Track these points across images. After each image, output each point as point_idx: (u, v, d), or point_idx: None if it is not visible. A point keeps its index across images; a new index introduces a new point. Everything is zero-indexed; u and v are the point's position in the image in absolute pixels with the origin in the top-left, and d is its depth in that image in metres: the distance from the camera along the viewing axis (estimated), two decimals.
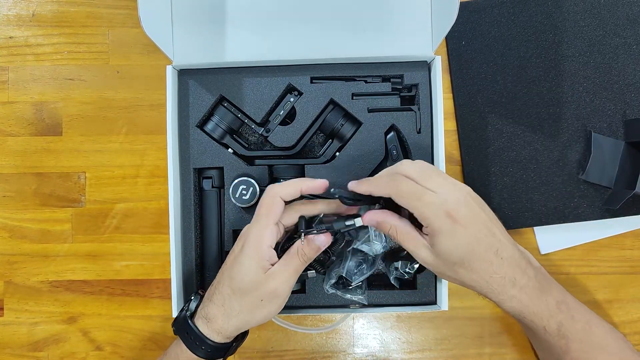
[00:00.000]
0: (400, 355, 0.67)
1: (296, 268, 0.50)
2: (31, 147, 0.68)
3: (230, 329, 0.51)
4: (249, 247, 0.49)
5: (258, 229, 0.49)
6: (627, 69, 0.66)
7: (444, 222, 0.46)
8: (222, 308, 0.51)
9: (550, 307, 0.51)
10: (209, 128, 0.61)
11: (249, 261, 0.49)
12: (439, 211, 0.46)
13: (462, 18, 0.67)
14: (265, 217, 0.49)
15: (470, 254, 0.48)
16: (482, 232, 0.48)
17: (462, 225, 0.47)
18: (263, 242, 0.49)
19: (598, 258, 0.67)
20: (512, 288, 0.50)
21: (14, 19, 0.68)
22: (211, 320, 0.51)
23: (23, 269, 0.67)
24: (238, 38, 0.60)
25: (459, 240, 0.47)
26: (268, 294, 0.49)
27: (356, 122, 0.61)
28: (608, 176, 0.65)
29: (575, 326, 0.52)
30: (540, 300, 0.51)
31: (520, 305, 0.50)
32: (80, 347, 0.67)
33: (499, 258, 0.48)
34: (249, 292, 0.49)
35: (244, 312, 0.50)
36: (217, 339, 0.51)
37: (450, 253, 0.47)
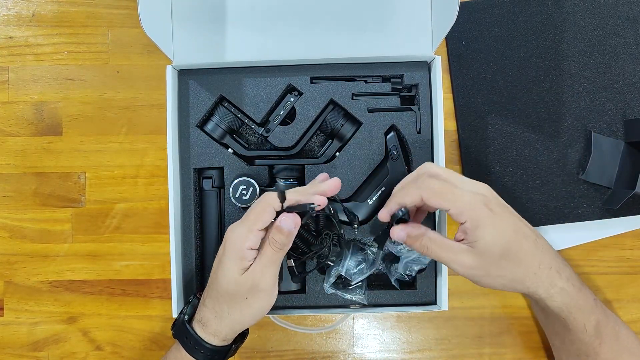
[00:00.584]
0: (400, 355, 0.67)
1: (271, 258, 0.49)
2: (31, 147, 0.68)
3: (224, 331, 0.51)
4: (229, 249, 0.49)
5: (241, 231, 0.49)
6: (627, 69, 0.66)
7: (483, 212, 0.46)
8: (213, 311, 0.51)
9: (590, 302, 0.51)
10: (209, 128, 0.61)
11: (229, 263, 0.49)
12: (476, 202, 0.46)
13: (462, 18, 0.67)
14: (252, 222, 0.49)
15: (514, 243, 0.47)
16: (517, 222, 0.48)
17: (499, 215, 0.46)
18: (244, 244, 0.48)
19: (598, 258, 0.67)
20: (560, 279, 0.49)
21: (14, 19, 0.68)
22: (205, 323, 0.51)
23: (23, 269, 0.67)
24: (238, 38, 0.60)
25: (501, 228, 0.46)
26: (250, 290, 0.49)
27: (356, 122, 0.61)
28: (608, 176, 0.65)
29: (608, 325, 0.52)
30: (582, 293, 0.50)
31: (569, 298, 0.49)
32: (80, 347, 0.67)
33: (539, 248, 0.48)
34: (233, 293, 0.49)
35: (233, 313, 0.50)
36: (214, 341, 0.51)
37: (495, 243, 0.46)
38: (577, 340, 0.53)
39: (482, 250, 0.47)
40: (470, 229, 0.47)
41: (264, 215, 0.49)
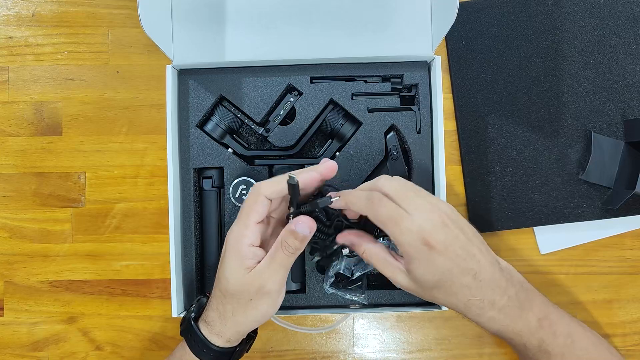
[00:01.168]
0: (400, 355, 0.67)
1: (282, 262, 0.48)
2: (31, 147, 0.68)
3: (228, 332, 0.50)
4: (230, 248, 0.48)
5: (237, 229, 0.48)
6: (627, 69, 0.66)
7: (419, 249, 0.45)
8: (217, 311, 0.50)
9: (530, 325, 0.51)
10: (209, 128, 0.61)
11: (231, 262, 0.48)
12: (415, 239, 0.45)
13: (462, 18, 0.67)
14: (246, 216, 0.48)
15: (447, 279, 0.46)
16: (460, 256, 0.46)
17: (438, 252, 0.45)
18: (243, 242, 0.48)
19: (598, 258, 0.67)
20: (491, 310, 0.49)
21: (14, 19, 0.68)
22: (210, 324, 0.51)
23: (23, 269, 0.67)
24: (238, 38, 0.60)
25: (435, 267, 0.46)
26: (256, 293, 0.48)
27: (356, 122, 0.61)
28: (608, 176, 0.65)
29: (556, 341, 0.51)
30: (521, 318, 0.50)
31: (499, 325, 0.50)
32: (80, 347, 0.67)
33: (477, 281, 0.47)
34: (237, 294, 0.48)
35: (237, 314, 0.49)
36: (219, 342, 0.51)
37: (426, 279, 0.47)
38: (523, 354, 0.53)
39: (414, 279, 0.47)
40: (405, 260, 0.47)
41: (256, 206, 0.47)
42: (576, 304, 0.66)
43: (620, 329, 0.66)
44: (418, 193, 0.48)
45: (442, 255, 0.45)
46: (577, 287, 0.67)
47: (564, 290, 0.66)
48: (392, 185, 0.47)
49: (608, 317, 0.66)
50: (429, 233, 0.45)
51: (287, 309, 0.60)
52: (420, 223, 0.45)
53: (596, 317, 0.66)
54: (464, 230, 0.47)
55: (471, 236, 0.48)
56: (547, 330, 0.51)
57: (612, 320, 0.66)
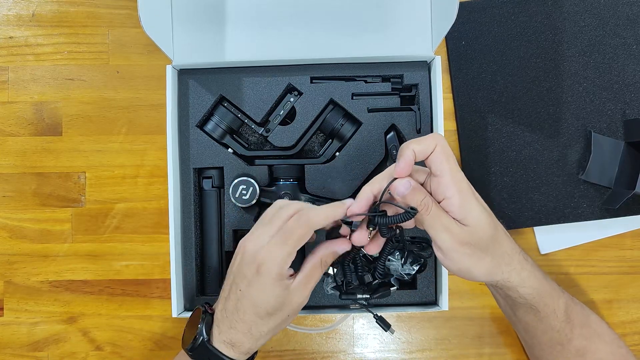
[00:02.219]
0: (400, 355, 0.67)
1: (319, 276, 0.49)
2: (31, 147, 0.68)
3: (257, 347, 0.50)
4: (271, 274, 0.46)
5: (281, 255, 0.46)
6: (627, 69, 0.66)
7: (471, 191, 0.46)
8: (249, 334, 0.49)
9: (556, 286, 0.52)
10: (209, 128, 0.61)
11: (273, 287, 0.47)
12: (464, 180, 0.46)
13: (462, 18, 0.67)
14: (292, 244, 0.46)
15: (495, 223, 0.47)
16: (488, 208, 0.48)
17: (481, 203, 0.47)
18: (285, 267, 0.47)
19: (598, 258, 0.67)
20: (527, 263, 0.50)
21: (14, 19, 0.68)
22: (237, 345, 0.49)
23: (23, 269, 0.67)
24: (238, 38, 0.60)
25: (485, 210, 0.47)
26: (295, 310, 0.49)
27: (356, 122, 0.61)
28: (608, 176, 0.65)
29: (576, 308, 0.52)
30: (546, 279, 0.51)
31: (538, 282, 0.50)
32: (80, 347, 0.67)
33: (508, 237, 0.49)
34: (275, 314, 0.48)
35: (271, 331, 0.50)
36: (243, 358, 0.50)
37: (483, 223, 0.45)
38: (549, 328, 0.53)
39: (473, 229, 0.45)
40: (458, 205, 0.45)
41: (303, 238, 0.47)
42: None
43: (620, 329, 0.66)
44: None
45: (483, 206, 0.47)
46: (577, 287, 0.67)
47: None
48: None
49: (608, 317, 0.66)
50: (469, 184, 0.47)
51: None
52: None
53: None
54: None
55: None
56: (568, 295, 0.53)
57: (612, 320, 0.66)
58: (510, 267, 0.49)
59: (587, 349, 0.53)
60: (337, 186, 0.60)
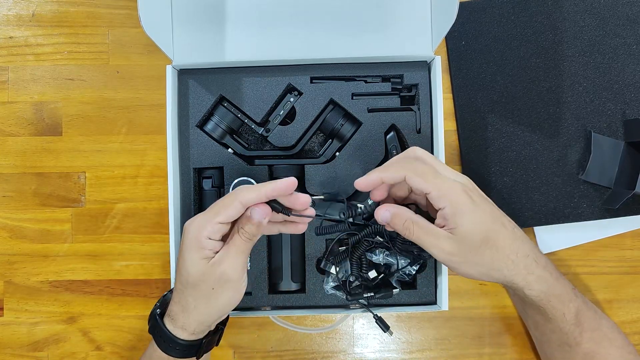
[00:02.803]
0: (400, 355, 0.67)
1: (239, 247, 0.47)
2: (31, 147, 0.68)
3: (192, 324, 0.50)
4: (188, 240, 0.47)
5: (199, 222, 0.47)
6: (627, 69, 0.66)
7: (463, 198, 0.46)
8: (180, 304, 0.49)
9: (569, 291, 0.51)
10: (209, 128, 0.61)
11: (190, 254, 0.47)
12: (457, 188, 0.47)
13: (462, 18, 0.67)
14: (214, 214, 0.47)
15: (493, 231, 0.47)
16: (495, 211, 0.49)
17: (478, 204, 0.47)
18: (202, 234, 0.47)
19: (598, 258, 0.67)
20: (537, 267, 0.49)
21: (14, 19, 0.68)
22: (174, 318, 0.50)
23: (23, 269, 0.67)
24: (238, 38, 0.60)
25: (480, 216, 0.47)
26: (217, 281, 0.48)
27: (356, 122, 0.61)
28: (608, 176, 0.65)
29: (587, 313, 0.52)
30: (560, 282, 0.51)
31: (547, 285, 0.50)
32: (80, 347, 0.67)
33: (517, 237, 0.49)
34: (198, 284, 0.48)
35: (199, 305, 0.49)
36: (184, 335, 0.50)
37: (474, 230, 0.46)
38: (558, 329, 0.53)
39: (462, 237, 0.47)
40: (449, 214, 0.46)
41: (228, 209, 0.47)
42: None
43: (620, 329, 0.66)
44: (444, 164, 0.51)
45: (482, 208, 0.47)
46: (577, 287, 0.66)
47: None
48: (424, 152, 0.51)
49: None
50: (467, 188, 0.48)
51: (287, 309, 0.60)
52: (458, 178, 0.49)
53: None
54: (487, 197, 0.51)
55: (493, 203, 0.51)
56: (581, 299, 0.52)
57: (612, 320, 0.66)
58: (514, 270, 0.49)
59: (596, 352, 0.53)
60: (337, 186, 0.60)
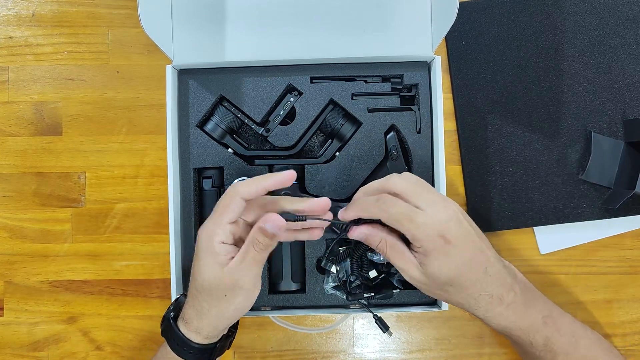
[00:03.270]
0: (400, 355, 0.67)
1: (254, 257, 0.48)
2: (31, 147, 0.68)
3: (206, 328, 0.50)
4: (202, 246, 0.48)
5: (210, 227, 0.48)
6: (627, 69, 0.66)
7: (436, 243, 0.46)
8: (194, 308, 0.50)
9: (536, 322, 0.51)
10: (209, 128, 0.61)
11: (204, 260, 0.48)
12: (431, 232, 0.46)
13: (462, 18, 0.67)
14: (219, 215, 0.48)
15: (461, 273, 0.47)
16: (473, 250, 0.48)
17: (454, 245, 0.46)
18: (214, 239, 0.48)
19: (598, 258, 0.67)
20: (499, 305, 0.50)
21: (14, 19, 0.68)
22: (188, 321, 0.51)
23: (23, 269, 0.67)
24: (238, 38, 0.60)
25: (450, 261, 0.47)
26: (230, 288, 0.48)
27: (356, 122, 0.61)
28: (608, 176, 0.65)
29: (561, 339, 0.52)
30: (527, 315, 0.51)
31: (507, 321, 0.51)
32: (80, 347, 0.67)
33: (487, 275, 0.48)
34: (211, 290, 0.49)
35: (213, 310, 0.50)
36: (198, 339, 0.51)
37: (440, 274, 0.47)
38: (530, 353, 0.53)
39: (429, 274, 0.48)
40: (421, 254, 0.47)
41: (231, 207, 0.48)
42: (576, 304, 0.66)
43: (620, 329, 0.66)
44: (429, 189, 0.49)
45: (457, 248, 0.46)
46: (577, 287, 0.67)
47: (564, 290, 0.66)
48: (402, 183, 0.48)
49: (608, 317, 0.66)
50: (445, 227, 0.46)
51: (287, 309, 0.60)
52: (435, 217, 0.46)
53: (596, 317, 0.66)
54: (473, 226, 0.49)
55: (479, 232, 0.49)
56: (552, 328, 0.52)
57: (612, 320, 0.66)
58: (474, 306, 0.50)
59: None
60: (337, 186, 0.60)
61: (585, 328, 0.55)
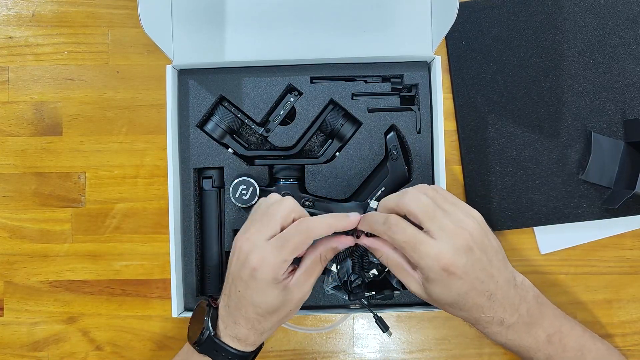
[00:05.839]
0: (400, 355, 0.67)
1: (319, 271, 0.50)
2: (31, 147, 0.68)
3: (263, 339, 0.52)
4: (264, 276, 0.46)
5: (276, 261, 0.46)
6: (627, 69, 0.66)
7: (438, 274, 0.45)
8: (253, 329, 0.50)
9: (539, 341, 0.51)
10: (209, 128, 0.61)
11: (270, 289, 0.47)
12: (433, 264, 0.45)
13: (462, 18, 0.67)
14: (290, 253, 0.47)
15: (462, 300, 0.47)
16: (478, 279, 0.46)
17: (458, 277, 0.45)
18: (279, 273, 0.47)
19: (598, 258, 0.67)
20: (499, 326, 0.49)
21: (14, 19, 0.68)
22: (242, 339, 0.50)
23: (23, 269, 0.67)
24: (238, 38, 0.60)
25: (452, 290, 0.46)
26: (296, 305, 0.50)
27: (356, 122, 0.61)
28: (608, 176, 0.65)
29: (566, 355, 0.52)
30: (529, 335, 0.51)
31: (506, 339, 0.51)
32: (80, 347, 0.67)
33: (490, 301, 0.47)
34: (277, 311, 0.49)
35: (275, 326, 0.51)
36: (250, 349, 0.51)
37: (440, 298, 0.47)
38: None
39: (429, 294, 0.48)
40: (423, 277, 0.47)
41: (304, 247, 0.48)
42: (576, 304, 0.66)
43: (620, 329, 0.66)
44: (445, 208, 0.46)
45: (461, 280, 0.45)
46: (577, 287, 0.67)
47: (564, 290, 0.66)
48: (416, 204, 0.46)
49: (608, 317, 0.66)
50: (450, 260, 0.44)
51: None
52: (441, 249, 0.44)
53: (596, 317, 0.66)
54: (486, 250, 0.47)
55: (492, 256, 0.47)
56: (557, 345, 0.52)
57: (612, 320, 0.66)
58: (475, 323, 0.50)
59: None
60: (337, 186, 0.60)
61: (595, 340, 0.55)
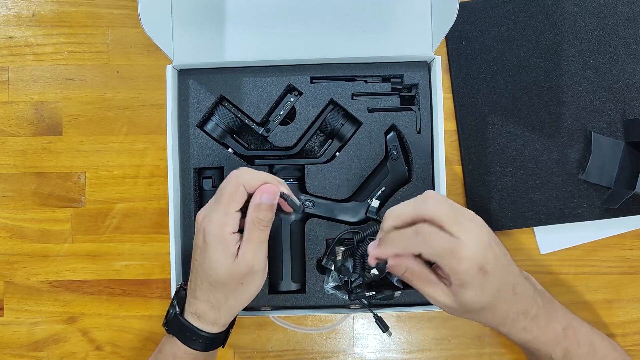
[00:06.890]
0: (400, 355, 0.67)
1: (259, 237, 0.48)
2: (31, 147, 0.68)
3: (223, 318, 0.51)
4: (212, 239, 0.48)
5: (218, 218, 0.47)
6: (627, 69, 0.66)
7: (475, 276, 0.44)
8: (209, 302, 0.50)
9: (557, 334, 0.51)
10: (209, 128, 0.61)
11: (216, 253, 0.48)
12: (472, 266, 0.44)
13: (462, 18, 0.67)
14: (227, 205, 0.47)
15: (495, 300, 0.46)
16: (504, 274, 0.46)
17: (491, 274, 0.45)
18: (226, 230, 0.47)
19: (598, 258, 0.67)
20: (524, 320, 0.49)
21: (14, 19, 0.68)
22: (202, 315, 0.51)
23: (23, 269, 0.67)
24: (238, 38, 0.60)
25: (487, 290, 0.45)
26: (245, 275, 0.49)
27: (356, 122, 0.61)
28: (608, 176, 0.65)
29: (580, 350, 0.52)
30: (548, 328, 0.51)
31: (530, 335, 0.50)
32: (80, 347, 0.67)
33: (515, 295, 0.48)
34: (227, 281, 0.49)
35: (230, 300, 0.50)
36: (214, 330, 0.51)
37: (474, 303, 0.46)
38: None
39: (461, 302, 0.46)
40: (454, 284, 0.46)
41: (236, 196, 0.47)
42: (576, 304, 0.66)
43: (620, 329, 0.66)
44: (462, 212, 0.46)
45: (493, 277, 0.45)
46: (577, 287, 0.67)
47: (564, 290, 0.66)
48: (440, 209, 0.45)
49: (608, 317, 0.66)
50: (483, 259, 0.44)
51: (287, 309, 0.60)
52: (473, 249, 0.44)
53: (596, 317, 0.66)
54: (499, 244, 0.47)
55: (505, 250, 0.48)
56: (572, 339, 0.52)
57: (612, 320, 0.66)
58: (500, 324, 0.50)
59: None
60: (337, 186, 0.60)
61: (602, 337, 0.56)
